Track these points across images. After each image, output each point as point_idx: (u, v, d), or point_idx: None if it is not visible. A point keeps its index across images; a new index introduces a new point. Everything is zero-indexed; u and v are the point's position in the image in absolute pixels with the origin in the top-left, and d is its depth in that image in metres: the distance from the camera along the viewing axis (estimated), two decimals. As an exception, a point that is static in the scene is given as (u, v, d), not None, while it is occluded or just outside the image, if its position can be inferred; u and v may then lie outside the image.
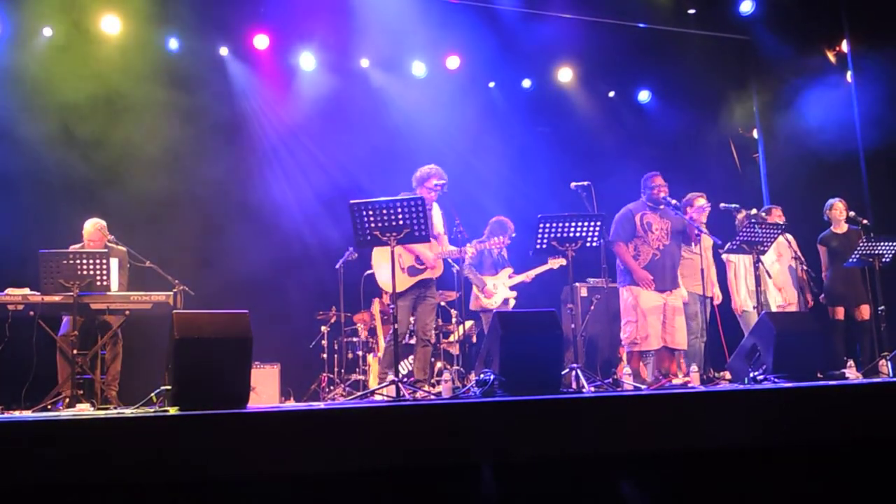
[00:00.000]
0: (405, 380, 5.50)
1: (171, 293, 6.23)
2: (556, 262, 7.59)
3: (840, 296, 7.65)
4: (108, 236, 6.71)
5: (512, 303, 7.65)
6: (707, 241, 7.00)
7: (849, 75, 9.04)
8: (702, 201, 7.21)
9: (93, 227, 6.71)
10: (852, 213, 7.69)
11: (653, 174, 6.76)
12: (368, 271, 6.87)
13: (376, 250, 6.27)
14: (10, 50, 7.97)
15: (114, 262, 6.20)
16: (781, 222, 7.57)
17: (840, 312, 7.67)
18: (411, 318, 6.33)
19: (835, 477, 3.94)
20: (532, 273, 7.72)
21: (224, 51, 8.87)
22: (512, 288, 7.72)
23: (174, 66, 8.47)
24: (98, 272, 5.78)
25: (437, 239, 6.29)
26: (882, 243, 6.88)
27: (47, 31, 8.06)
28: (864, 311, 7.59)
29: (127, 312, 6.06)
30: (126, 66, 8.13)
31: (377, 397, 5.20)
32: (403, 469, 3.44)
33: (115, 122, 8.08)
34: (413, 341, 6.65)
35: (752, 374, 5.51)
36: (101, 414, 4.38)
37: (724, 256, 7.44)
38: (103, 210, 7.14)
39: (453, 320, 7.91)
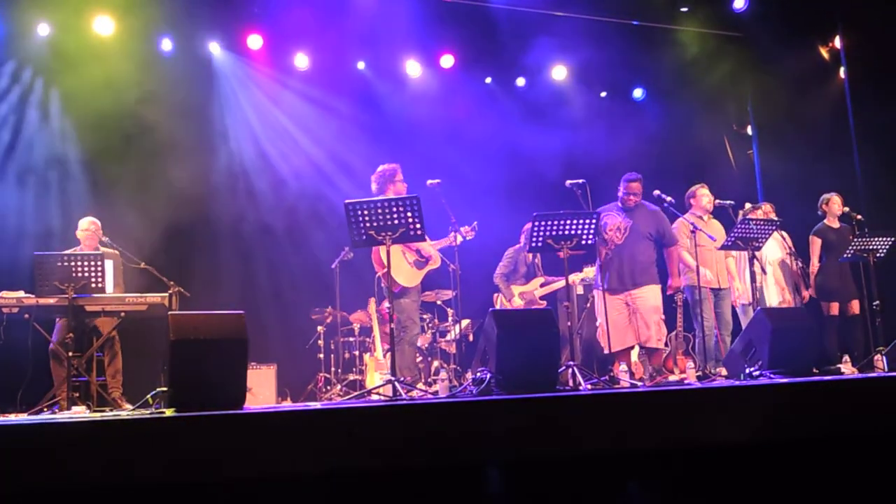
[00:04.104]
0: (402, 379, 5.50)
1: (167, 294, 6.21)
2: (591, 270, 7.69)
3: (834, 291, 7.67)
4: (102, 237, 6.70)
5: None
6: (702, 237, 6.97)
7: (842, 71, 9.06)
8: (704, 190, 7.21)
9: (88, 223, 6.71)
10: (847, 209, 7.71)
11: (630, 178, 6.69)
12: (380, 271, 6.79)
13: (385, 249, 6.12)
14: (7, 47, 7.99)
15: (108, 265, 6.18)
16: (774, 218, 7.59)
17: (834, 308, 7.69)
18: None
19: (831, 471, 3.95)
20: (560, 283, 7.71)
21: (218, 51, 8.85)
22: (542, 297, 7.79)
23: (167, 66, 8.45)
24: (93, 274, 5.76)
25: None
26: (876, 239, 6.90)
27: (44, 30, 8.03)
28: (856, 307, 7.62)
29: (122, 314, 6.04)
30: (119, 67, 8.11)
31: (374, 397, 5.20)
32: (401, 468, 3.44)
33: (111, 122, 8.07)
34: (421, 343, 6.71)
35: (748, 371, 5.51)
36: (98, 416, 4.37)
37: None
38: (97, 211, 7.13)
39: (450, 319, 7.91)
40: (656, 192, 6.80)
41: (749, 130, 10.29)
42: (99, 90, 7.92)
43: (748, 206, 7.70)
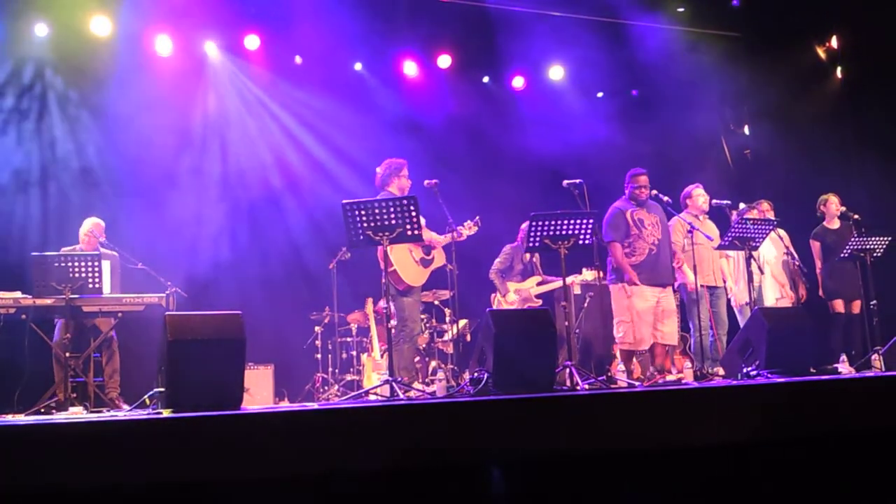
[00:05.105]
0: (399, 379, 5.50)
1: (164, 295, 6.20)
2: (590, 274, 7.70)
3: (837, 290, 7.67)
4: (102, 237, 6.69)
5: None
6: (700, 237, 6.96)
7: (839, 71, 9.07)
8: (699, 191, 7.23)
9: (91, 224, 6.70)
10: (844, 208, 7.72)
11: (637, 172, 6.69)
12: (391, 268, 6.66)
13: (392, 248, 5.82)
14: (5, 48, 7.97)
15: (105, 265, 6.17)
16: (771, 216, 7.60)
17: (839, 305, 7.69)
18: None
19: (829, 471, 3.96)
20: (558, 283, 7.55)
21: (215, 51, 8.84)
22: (538, 296, 7.77)
23: (165, 65, 8.44)
24: (90, 275, 5.75)
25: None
26: (873, 238, 6.91)
27: (41, 30, 8.01)
28: (857, 306, 7.62)
29: (119, 315, 6.03)
30: (116, 67, 8.10)
31: (372, 397, 5.20)
32: (398, 469, 3.44)
33: (108, 122, 8.06)
34: (419, 343, 6.72)
35: (745, 370, 5.52)
36: (95, 417, 4.37)
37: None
38: (94, 211, 7.12)
39: (447, 319, 7.91)
40: (654, 191, 6.81)
41: (746, 130, 10.30)
42: (97, 91, 7.93)
43: (742, 205, 7.71)
